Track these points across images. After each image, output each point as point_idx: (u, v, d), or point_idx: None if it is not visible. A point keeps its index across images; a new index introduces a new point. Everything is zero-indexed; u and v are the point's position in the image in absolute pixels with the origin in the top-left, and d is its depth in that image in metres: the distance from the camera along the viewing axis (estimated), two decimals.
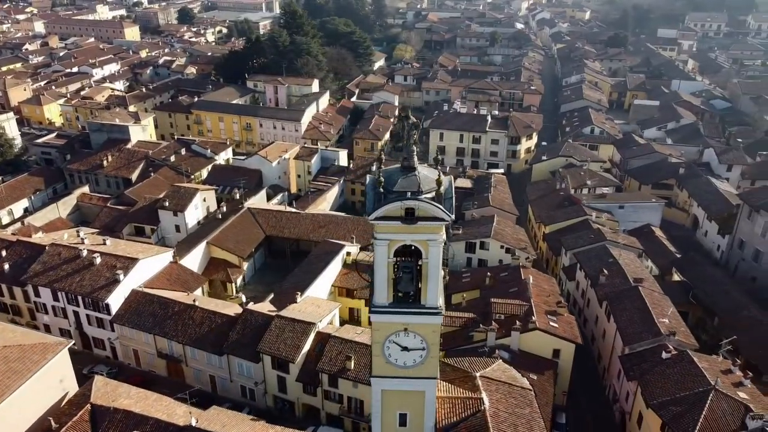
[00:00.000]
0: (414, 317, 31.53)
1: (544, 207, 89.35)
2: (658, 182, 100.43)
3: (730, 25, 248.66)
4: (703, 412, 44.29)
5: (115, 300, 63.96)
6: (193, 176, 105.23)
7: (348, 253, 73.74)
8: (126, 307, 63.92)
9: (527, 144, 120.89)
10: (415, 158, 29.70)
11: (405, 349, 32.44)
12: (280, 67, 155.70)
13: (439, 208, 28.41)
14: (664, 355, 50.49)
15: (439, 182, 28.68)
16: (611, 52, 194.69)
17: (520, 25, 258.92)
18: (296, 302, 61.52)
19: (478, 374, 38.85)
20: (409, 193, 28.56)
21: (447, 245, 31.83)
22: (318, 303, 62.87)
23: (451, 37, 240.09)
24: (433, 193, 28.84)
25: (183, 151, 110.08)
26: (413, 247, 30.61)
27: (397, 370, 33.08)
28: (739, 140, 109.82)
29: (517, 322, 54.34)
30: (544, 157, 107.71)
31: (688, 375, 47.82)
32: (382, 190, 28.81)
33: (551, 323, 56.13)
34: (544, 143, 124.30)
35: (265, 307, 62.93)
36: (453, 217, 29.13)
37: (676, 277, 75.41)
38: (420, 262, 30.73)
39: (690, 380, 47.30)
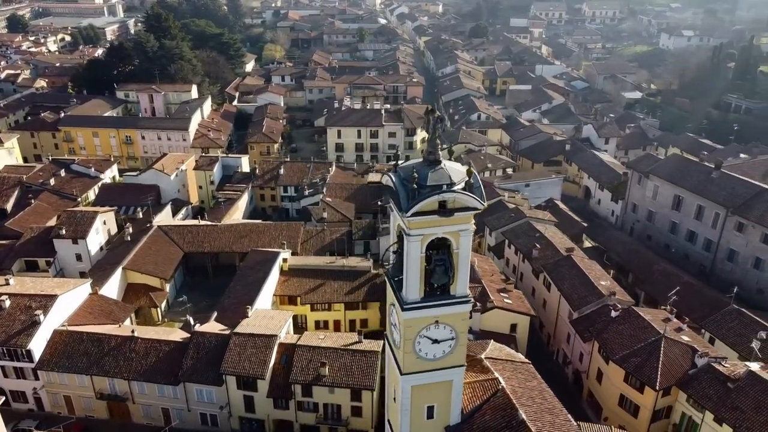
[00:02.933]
0: (446, 308, 31.84)
1: None
2: (548, 159, 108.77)
3: (569, 13, 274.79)
4: (660, 359, 49.32)
5: (37, 345, 56.70)
6: (80, 199, 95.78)
7: (285, 260, 71.56)
8: (51, 351, 56.91)
9: (422, 134, 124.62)
10: (440, 152, 29.90)
11: (435, 341, 32.66)
12: (151, 74, 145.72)
13: (474, 198, 28.93)
14: (612, 313, 55.23)
15: (469, 172, 29.17)
16: (475, 43, 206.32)
17: (383, 20, 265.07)
18: (248, 317, 58.73)
19: (482, 356, 40.04)
20: (444, 186, 28.74)
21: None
22: (271, 315, 60.49)
23: (317, 35, 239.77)
24: (464, 184, 29.29)
25: (63, 173, 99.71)
26: (437, 240, 30.86)
27: (426, 364, 33.28)
28: (612, 115, 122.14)
29: (477, 303, 56.45)
30: (445, 146, 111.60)
31: (638, 328, 52.83)
32: (415, 186, 28.67)
33: (505, 300, 59.06)
34: None
35: (213, 326, 59.26)
36: (485, 204, 29.82)
37: (587, 243, 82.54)
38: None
39: (641, 332, 52.30)
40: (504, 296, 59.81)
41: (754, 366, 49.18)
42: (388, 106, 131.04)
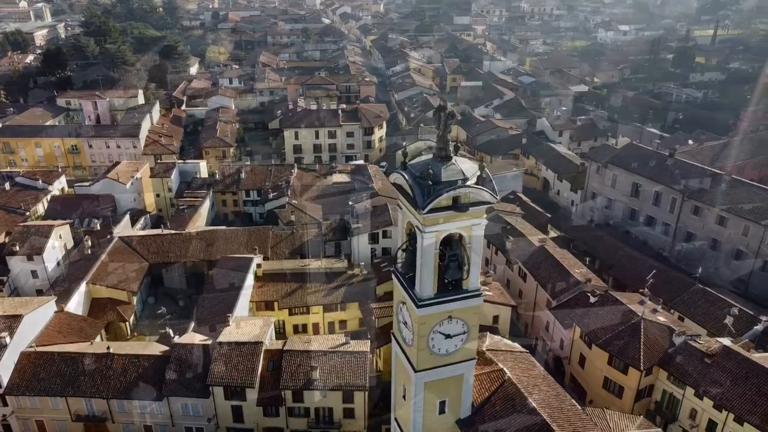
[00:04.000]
0: (459, 303, 32.05)
1: None
2: (506, 153, 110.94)
3: (509, 10, 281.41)
4: (641, 340, 51.30)
5: (4, 369, 53.56)
6: (29, 213, 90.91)
7: (258, 265, 70.25)
8: (20, 374, 53.88)
9: (379, 133, 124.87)
10: (450, 148, 30.07)
11: (448, 336, 32.86)
12: (93, 80, 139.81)
13: (488, 192, 29.24)
14: (591, 299, 56.99)
15: (481, 167, 29.47)
16: (422, 41, 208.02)
17: (327, 20, 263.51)
18: (229, 325, 57.35)
19: (484, 348, 40.55)
20: (459, 181, 28.93)
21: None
22: (252, 321, 59.32)
23: (261, 36, 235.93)
24: (476, 179, 29.56)
25: (7, 186, 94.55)
26: (447, 236, 31.03)
27: (439, 359, 33.42)
28: (564, 108, 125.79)
29: None
30: (405, 142, 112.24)
31: (617, 312, 54.75)
32: (430, 182, 28.72)
33: (486, 292, 59.88)
34: None
35: (193, 337, 57.56)
36: (498, 198, 30.17)
37: (553, 233, 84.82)
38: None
39: (620, 316, 54.23)
40: (485, 288, 60.50)
41: (726, 341, 51.90)
42: (344, 106, 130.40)
